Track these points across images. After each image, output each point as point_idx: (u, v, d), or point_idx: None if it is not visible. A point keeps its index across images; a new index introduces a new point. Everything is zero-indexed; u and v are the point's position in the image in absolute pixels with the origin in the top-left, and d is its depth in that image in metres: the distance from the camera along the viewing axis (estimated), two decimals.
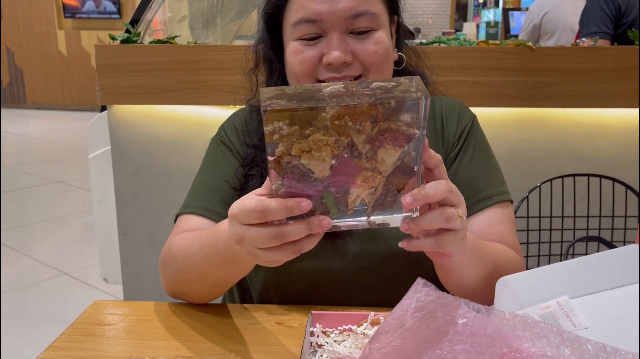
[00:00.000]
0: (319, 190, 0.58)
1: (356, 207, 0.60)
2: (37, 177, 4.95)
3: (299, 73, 0.86)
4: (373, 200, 0.59)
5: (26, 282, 2.90)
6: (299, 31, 0.84)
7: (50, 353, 0.75)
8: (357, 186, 0.58)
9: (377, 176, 0.57)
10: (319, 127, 0.54)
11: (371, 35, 0.84)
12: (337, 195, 0.58)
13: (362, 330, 0.73)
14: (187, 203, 0.94)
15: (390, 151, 0.56)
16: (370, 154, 0.56)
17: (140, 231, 1.99)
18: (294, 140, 0.55)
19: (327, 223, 0.58)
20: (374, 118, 0.54)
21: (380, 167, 0.57)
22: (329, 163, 0.56)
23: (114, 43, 1.84)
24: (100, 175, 2.19)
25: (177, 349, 0.76)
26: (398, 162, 0.57)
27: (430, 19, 9.75)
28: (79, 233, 3.65)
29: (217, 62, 1.77)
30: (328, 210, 0.59)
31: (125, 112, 1.92)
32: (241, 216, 0.60)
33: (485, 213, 0.88)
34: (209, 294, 0.86)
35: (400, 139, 0.55)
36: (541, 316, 0.63)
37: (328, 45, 0.83)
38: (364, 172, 0.57)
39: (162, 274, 0.89)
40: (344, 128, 0.54)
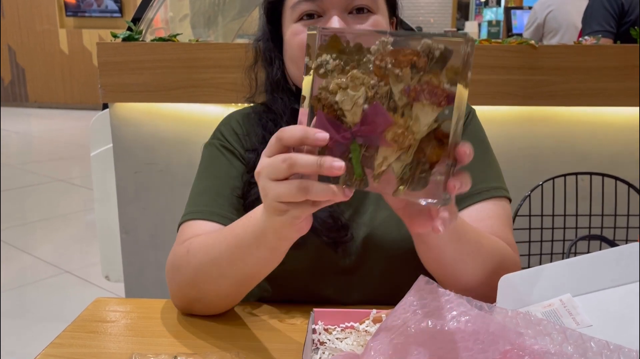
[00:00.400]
0: (347, 138, 0.54)
1: (384, 177, 0.53)
2: (38, 176, 4.96)
3: (298, 55, 0.85)
4: (401, 170, 0.53)
5: (28, 280, 2.90)
6: (298, 11, 0.84)
7: (52, 350, 0.75)
8: (385, 144, 0.52)
9: (409, 136, 0.52)
10: (361, 67, 0.52)
11: (370, 17, 0.84)
12: (365, 154, 0.53)
13: (364, 328, 0.73)
14: (193, 209, 0.88)
15: (426, 108, 0.51)
16: (407, 110, 0.51)
17: (142, 229, 1.99)
18: (334, 76, 0.53)
19: (339, 166, 0.52)
20: (416, 67, 0.50)
21: (414, 126, 0.51)
22: (361, 107, 0.53)
23: (116, 41, 1.84)
24: (102, 173, 2.19)
25: (178, 347, 0.76)
26: (434, 125, 0.51)
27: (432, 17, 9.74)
28: (80, 231, 3.66)
29: (219, 60, 1.77)
30: (352, 174, 0.54)
31: (127, 110, 1.92)
32: (267, 148, 0.58)
33: (473, 208, 0.86)
34: (228, 295, 0.80)
35: (439, 96, 0.50)
36: (544, 314, 0.63)
37: (325, 22, 0.83)
38: (396, 127, 0.52)
39: (174, 282, 0.82)
40: (384, 71, 0.51)
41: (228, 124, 0.97)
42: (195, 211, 0.87)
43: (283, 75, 0.92)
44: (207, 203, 0.87)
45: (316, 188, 0.55)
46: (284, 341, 0.77)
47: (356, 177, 0.54)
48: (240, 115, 0.98)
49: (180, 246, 0.83)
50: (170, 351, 0.74)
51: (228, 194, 0.88)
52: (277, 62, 0.92)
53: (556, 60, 1.77)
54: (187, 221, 0.87)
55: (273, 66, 0.93)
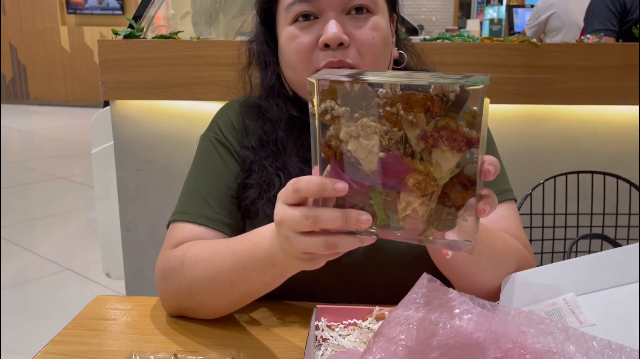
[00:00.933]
0: (366, 187, 0.52)
1: (409, 221, 0.52)
2: (39, 173, 4.96)
3: (295, 61, 0.82)
4: (427, 213, 0.52)
5: (29, 277, 2.91)
6: (292, 12, 0.81)
7: (53, 347, 0.75)
8: (407, 190, 0.51)
9: (431, 182, 0.50)
10: (370, 113, 0.50)
11: (368, 18, 0.81)
12: (386, 198, 0.52)
13: (367, 324, 0.73)
14: (183, 209, 0.86)
15: (446, 154, 0.49)
16: (426, 155, 0.50)
17: (143, 227, 1.99)
18: (343, 123, 0.51)
19: (365, 219, 0.52)
20: (430, 111, 0.48)
21: (435, 172, 0.50)
22: (377, 156, 0.51)
23: (117, 38, 1.84)
24: (103, 171, 2.19)
25: (179, 345, 0.76)
26: (456, 171, 0.50)
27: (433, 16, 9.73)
28: (81, 229, 3.66)
29: (221, 57, 1.77)
30: (376, 216, 0.53)
31: (128, 108, 1.92)
32: (283, 194, 0.57)
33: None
34: (226, 309, 0.79)
35: (458, 141, 0.48)
36: (547, 313, 0.63)
37: (324, 25, 0.79)
38: (416, 174, 0.50)
39: (167, 289, 0.80)
40: (396, 117, 0.49)
41: (225, 115, 0.94)
42: (186, 212, 0.86)
43: (279, 80, 0.89)
44: (198, 204, 0.86)
45: (343, 242, 0.55)
46: (286, 338, 0.77)
47: (380, 221, 0.53)
48: (239, 106, 0.94)
49: (172, 254, 0.81)
50: (171, 349, 0.74)
51: (219, 194, 0.86)
52: (272, 67, 0.89)
53: (558, 58, 1.76)
54: (177, 221, 0.86)
55: (268, 70, 0.90)
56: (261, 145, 0.88)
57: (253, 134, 0.89)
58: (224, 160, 0.89)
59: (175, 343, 0.76)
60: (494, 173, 0.51)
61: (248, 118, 0.91)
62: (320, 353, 0.70)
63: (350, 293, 0.88)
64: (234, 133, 0.91)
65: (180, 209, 0.87)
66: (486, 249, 0.75)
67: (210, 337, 0.77)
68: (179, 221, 0.85)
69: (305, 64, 0.82)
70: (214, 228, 0.84)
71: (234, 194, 0.87)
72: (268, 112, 0.89)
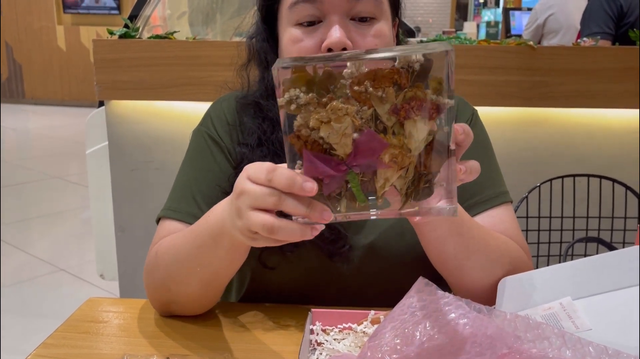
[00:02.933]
0: (343, 171, 0.51)
1: (388, 197, 0.52)
2: (35, 172, 4.94)
3: None
4: (405, 186, 0.52)
5: (23, 277, 2.89)
6: (296, 13, 0.79)
7: (43, 350, 0.74)
8: (384, 166, 0.51)
9: (406, 154, 0.50)
10: (338, 95, 0.49)
11: (373, 25, 0.80)
12: (363, 179, 0.52)
13: (362, 329, 0.73)
14: (172, 205, 0.87)
15: (419, 124, 0.49)
16: (397, 128, 0.50)
17: (138, 227, 1.98)
18: (311, 110, 0.50)
19: (328, 215, 0.52)
20: (398, 84, 0.49)
21: (409, 143, 0.50)
22: (351, 137, 0.50)
23: (112, 38, 1.83)
24: (98, 171, 2.17)
25: (171, 348, 0.75)
26: (429, 138, 0.50)
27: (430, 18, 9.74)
28: (76, 229, 3.64)
29: (217, 58, 1.76)
30: (355, 199, 0.52)
31: (123, 108, 1.90)
32: (252, 171, 0.57)
33: (485, 215, 0.85)
34: (201, 296, 0.79)
35: (428, 109, 0.49)
36: (543, 317, 0.63)
37: (328, 29, 0.78)
38: (392, 148, 0.50)
39: (149, 285, 0.82)
40: (365, 95, 0.49)
41: (220, 109, 0.93)
42: (175, 209, 0.86)
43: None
44: (187, 201, 0.86)
45: (287, 231, 0.55)
46: (280, 342, 0.76)
47: (360, 203, 0.53)
48: (235, 101, 0.93)
49: (153, 249, 0.83)
50: (163, 352, 0.73)
51: (209, 193, 0.86)
52: (272, 62, 0.87)
53: (555, 61, 1.76)
54: (166, 218, 0.86)
55: (269, 69, 0.88)
56: (259, 145, 0.87)
57: (251, 132, 0.88)
58: (215, 159, 0.89)
59: (167, 346, 0.75)
60: (462, 137, 0.54)
61: (245, 116, 0.90)
62: (314, 357, 0.69)
63: (346, 296, 0.87)
64: (227, 129, 0.90)
65: (170, 205, 0.87)
66: (479, 246, 0.75)
67: (202, 340, 0.76)
68: (167, 218, 0.86)
69: None
70: None
71: (224, 192, 0.86)
72: (269, 111, 0.88)
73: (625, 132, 1.87)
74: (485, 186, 0.87)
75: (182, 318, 0.82)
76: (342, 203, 0.53)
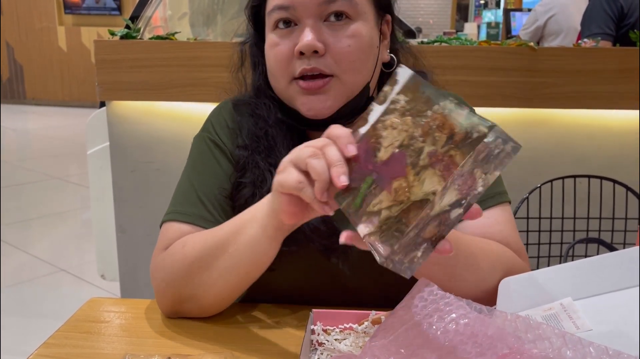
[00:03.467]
0: (368, 169, 0.56)
1: (369, 218, 0.55)
2: (35, 173, 4.94)
3: (275, 69, 0.83)
4: (385, 220, 0.53)
5: (24, 278, 2.89)
6: (272, 19, 0.82)
7: (45, 350, 0.74)
8: (389, 190, 0.54)
9: (407, 195, 0.52)
10: (417, 117, 0.55)
11: (347, 26, 0.80)
12: (372, 190, 0.55)
13: (363, 329, 0.73)
14: (178, 208, 0.86)
15: (434, 177, 0.51)
16: (422, 169, 0.52)
17: (138, 228, 1.98)
18: (396, 114, 0.57)
19: (344, 179, 0.57)
20: (453, 138, 0.51)
21: (416, 187, 0.52)
22: (391, 150, 0.55)
23: (114, 39, 1.83)
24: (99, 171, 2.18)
25: (173, 348, 0.75)
26: (430, 196, 0.51)
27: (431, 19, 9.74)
28: (77, 230, 3.64)
29: (217, 59, 1.76)
30: (355, 199, 0.57)
31: (124, 108, 1.91)
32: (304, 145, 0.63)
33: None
34: (222, 290, 0.78)
35: (452, 175, 0.50)
36: (544, 318, 0.63)
37: (300, 33, 0.80)
38: (403, 180, 0.53)
39: (162, 281, 0.80)
40: (428, 129, 0.53)
41: (220, 115, 0.94)
42: (180, 212, 0.86)
43: (266, 82, 0.90)
44: (192, 204, 0.86)
45: (308, 189, 0.61)
46: (281, 342, 0.76)
47: (354, 205, 0.57)
48: (233, 104, 0.94)
49: (170, 249, 0.82)
50: (164, 352, 0.73)
51: (213, 195, 0.86)
52: (259, 67, 0.90)
53: (555, 62, 1.76)
54: (170, 221, 0.85)
55: (257, 71, 0.91)
56: (253, 141, 0.88)
57: (246, 130, 0.89)
58: (218, 161, 0.89)
59: (169, 346, 0.75)
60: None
61: (240, 115, 0.92)
62: (315, 357, 0.69)
63: (347, 297, 0.87)
64: (228, 133, 0.91)
65: (174, 209, 0.86)
66: (467, 267, 0.74)
67: (204, 340, 0.77)
68: (172, 221, 0.85)
69: (283, 71, 0.82)
70: (206, 228, 0.83)
71: (227, 195, 0.87)
72: (258, 109, 0.90)
73: (625, 132, 1.88)
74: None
75: (184, 318, 0.82)
76: (347, 198, 0.57)
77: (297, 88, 0.83)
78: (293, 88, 0.83)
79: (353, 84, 0.84)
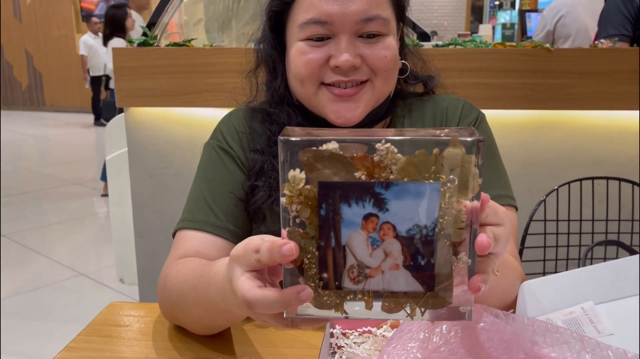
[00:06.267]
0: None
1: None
2: (55, 179, 5.01)
3: (303, 75, 0.83)
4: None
5: (44, 282, 2.93)
6: (306, 32, 0.81)
7: (67, 354, 0.75)
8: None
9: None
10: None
11: (380, 41, 0.82)
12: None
13: (381, 332, 0.73)
14: (188, 216, 0.87)
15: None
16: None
17: (157, 232, 2.00)
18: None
19: (305, 295, 0.46)
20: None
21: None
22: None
23: (131, 46, 1.86)
24: (117, 177, 2.21)
25: (191, 351, 0.76)
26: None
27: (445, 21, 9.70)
28: (95, 235, 3.69)
29: (233, 64, 1.76)
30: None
31: (142, 115, 1.93)
32: (243, 259, 0.51)
33: None
34: (208, 332, 0.78)
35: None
36: (565, 322, 0.62)
37: (337, 47, 0.81)
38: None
39: (159, 302, 0.83)
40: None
41: (229, 121, 0.94)
42: (190, 219, 0.87)
43: (286, 88, 0.90)
44: (202, 211, 0.86)
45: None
46: (300, 345, 0.77)
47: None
48: (243, 112, 0.95)
49: (166, 268, 0.82)
50: (183, 355, 0.74)
51: (223, 202, 0.87)
52: (280, 74, 0.90)
53: (571, 63, 1.75)
54: (182, 229, 0.86)
55: (276, 78, 0.90)
56: (269, 146, 0.88)
57: (260, 136, 0.90)
58: (227, 167, 0.90)
59: (187, 350, 0.76)
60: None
61: (254, 122, 0.92)
62: None
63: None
64: (237, 139, 0.92)
65: (186, 217, 0.88)
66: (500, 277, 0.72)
67: (222, 344, 0.77)
68: (184, 229, 0.86)
69: (313, 79, 0.83)
70: (218, 235, 0.85)
71: (239, 200, 0.88)
72: (277, 117, 0.90)
73: None
74: (487, 187, 0.84)
75: None
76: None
77: (327, 95, 0.83)
78: (322, 94, 0.84)
79: (382, 92, 0.85)
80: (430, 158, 0.43)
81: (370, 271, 0.46)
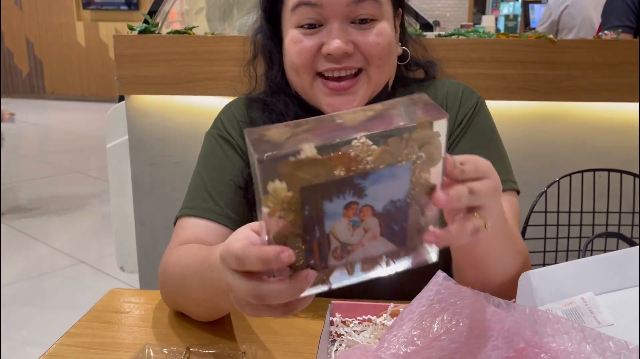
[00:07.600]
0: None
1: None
2: (55, 167, 5.01)
3: (297, 64, 0.83)
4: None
5: (44, 270, 2.94)
6: (297, 16, 0.81)
7: (68, 339, 0.75)
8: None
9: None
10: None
11: (373, 26, 0.81)
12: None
13: (381, 321, 0.73)
14: (189, 204, 0.88)
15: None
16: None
17: (157, 220, 2.00)
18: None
19: (311, 277, 0.48)
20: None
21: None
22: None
23: (132, 34, 1.85)
24: (118, 165, 2.20)
25: (192, 338, 0.76)
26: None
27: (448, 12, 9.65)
28: (96, 223, 3.69)
29: (234, 52, 1.75)
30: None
31: (143, 102, 1.93)
32: (227, 258, 0.50)
33: None
34: (209, 317, 0.79)
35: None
36: (565, 312, 0.62)
37: (328, 34, 0.80)
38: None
39: (160, 288, 0.83)
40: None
41: (229, 111, 0.95)
42: (191, 206, 0.87)
43: (283, 78, 0.90)
44: (203, 198, 0.87)
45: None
46: (299, 333, 0.77)
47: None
48: (243, 101, 0.95)
49: (166, 255, 0.83)
50: (183, 342, 0.74)
51: (223, 189, 0.87)
52: (277, 64, 0.90)
53: (575, 55, 1.74)
54: (183, 217, 0.87)
55: (273, 68, 0.91)
56: None
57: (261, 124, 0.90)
58: (228, 155, 0.91)
59: (188, 336, 0.76)
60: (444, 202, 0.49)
61: (253, 111, 0.93)
62: (334, 348, 0.70)
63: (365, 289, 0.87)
64: (237, 128, 0.92)
65: (186, 204, 0.89)
66: (508, 240, 0.72)
67: (222, 331, 0.77)
68: (185, 216, 0.87)
69: (307, 68, 0.83)
70: (217, 222, 0.85)
71: (239, 187, 0.88)
72: (275, 106, 0.90)
73: None
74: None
75: None
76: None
77: (322, 88, 0.83)
78: (317, 87, 0.84)
79: (378, 81, 0.84)
80: (402, 143, 0.45)
81: (352, 247, 0.49)
